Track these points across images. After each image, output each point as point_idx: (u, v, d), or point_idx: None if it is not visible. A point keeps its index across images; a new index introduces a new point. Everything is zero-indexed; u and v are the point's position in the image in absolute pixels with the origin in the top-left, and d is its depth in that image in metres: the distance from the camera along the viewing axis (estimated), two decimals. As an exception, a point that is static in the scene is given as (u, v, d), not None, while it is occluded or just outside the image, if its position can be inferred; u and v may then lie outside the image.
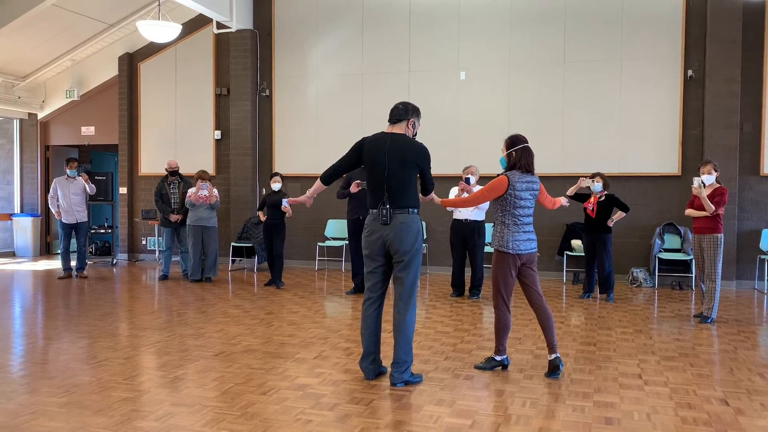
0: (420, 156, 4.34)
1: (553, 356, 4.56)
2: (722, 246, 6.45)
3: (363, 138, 4.46)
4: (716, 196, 6.40)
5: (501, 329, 4.70)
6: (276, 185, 8.78)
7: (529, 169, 4.60)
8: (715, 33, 8.86)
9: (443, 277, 9.47)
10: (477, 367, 4.74)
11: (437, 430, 3.52)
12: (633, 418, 3.71)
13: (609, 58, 9.46)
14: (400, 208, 4.28)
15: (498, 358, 4.73)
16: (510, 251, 4.55)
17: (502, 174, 4.64)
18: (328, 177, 4.54)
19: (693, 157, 9.05)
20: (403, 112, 4.40)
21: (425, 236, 10.27)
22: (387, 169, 4.28)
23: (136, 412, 3.75)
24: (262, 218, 8.89)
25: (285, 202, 8.48)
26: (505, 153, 4.65)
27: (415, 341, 5.58)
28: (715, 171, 6.50)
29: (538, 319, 4.65)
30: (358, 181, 7.53)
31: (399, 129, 4.40)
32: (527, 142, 4.64)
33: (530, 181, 4.61)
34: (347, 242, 8.83)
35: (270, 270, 8.90)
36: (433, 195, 4.67)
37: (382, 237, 4.30)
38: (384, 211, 4.26)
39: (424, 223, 10.29)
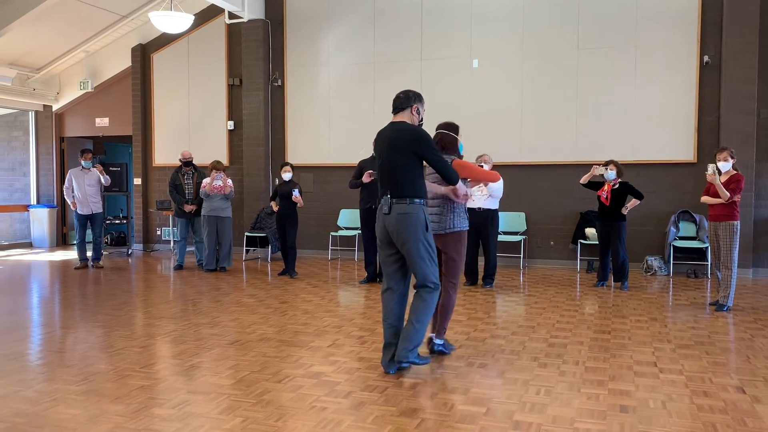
0: (413, 140, 4.19)
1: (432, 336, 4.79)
2: (738, 233, 6.39)
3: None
4: (732, 183, 6.33)
5: (450, 309, 4.74)
6: (287, 175, 8.79)
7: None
8: (731, 18, 8.73)
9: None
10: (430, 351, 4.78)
11: (451, 417, 3.53)
12: (648, 406, 3.70)
13: (623, 45, 9.35)
14: (399, 198, 4.22)
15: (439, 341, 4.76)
16: (467, 229, 4.74)
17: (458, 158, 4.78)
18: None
19: (709, 144, 8.96)
20: (405, 99, 4.34)
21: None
22: (383, 158, 4.28)
23: (153, 400, 3.79)
24: (275, 208, 8.92)
25: (296, 193, 8.50)
26: (462, 139, 4.82)
27: (428, 330, 5.59)
28: (732, 158, 6.43)
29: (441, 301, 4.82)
30: (370, 171, 7.53)
31: (402, 117, 4.35)
32: (446, 128, 4.83)
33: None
34: (360, 232, 8.84)
35: (283, 259, 8.94)
36: (459, 185, 4.40)
37: (386, 227, 4.30)
38: (384, 200, 4.27)
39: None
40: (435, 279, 4.31)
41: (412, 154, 4.20)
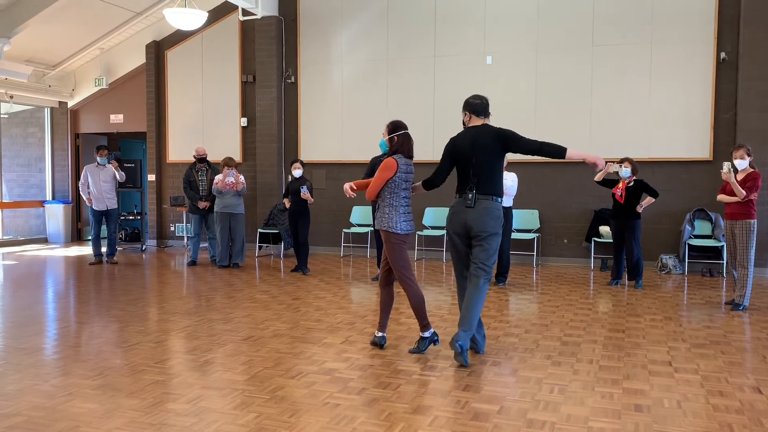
0: (505, 140, 4.58)
1: (381, 335, 4.91)
2: (755, 232, 6.33)
3: (450, 140, 4.74)
4: (748, 180, 6.27)
5: (419, 303, 4.78)
6: (297, 172, 8.81)
7: (410, 154, 4.81)
8: (749, 14, 8.63)
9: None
10: (412, 352, 4.79)
11: (464, 415, 3.52)
12: (663, 406, 3.67)
13: (639, 41, 9.27)
14: (484, 194, 4.56)
15: (427, 334, 4.80)
16: (400, 232, 4.72)
17: (388, 157, 4.81)
18: (428, 183, 4.87)
19: (725, 142, 8.86)
20: (487, 106, 4.75)
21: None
22: (473, 157, 4.56)
23: (167, 395, 3.82)
24: (287, 205, 8.94)
25: (304, 190, 8.51)
26: (387, 137, 4.85)
27: (441, 328, 5.60)
28: (748, 155, 6.36)
29: (385, 299, 4.89)
30: None
31: (481, 122, 4.71)
32: (407, 129, 4.84)
33: (409, 164, 4.81)
34: (372, 229, 8.86)
35: (296, 256, 8.96)
36: (570, 152, 4.47)
37: (466, 220, 4.55)
38: (470, 195, 4.55)
39: (449, 210, 10.24)
40: (492, 269, 4.62)
41: (501, 154, 4.62)
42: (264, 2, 10.78)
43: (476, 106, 4.70)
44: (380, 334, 4.93)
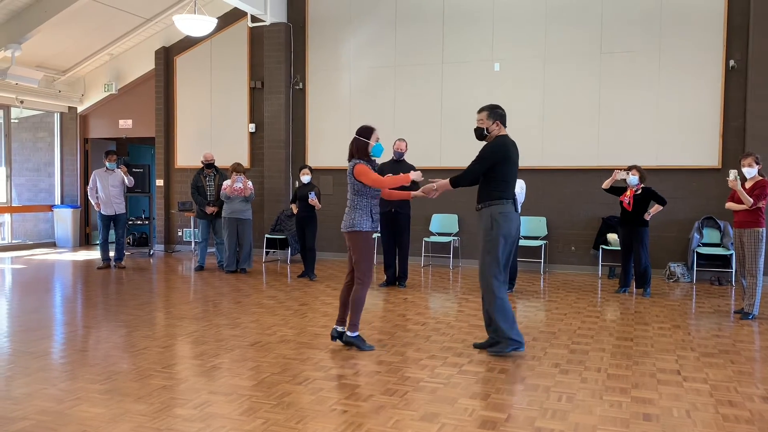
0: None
1: (341, 328, 5.10)
2: (764, 241, 6.29)
3: (500, 146, 4.83)
4: (756, 189, 6.24)
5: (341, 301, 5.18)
6: (305, 178, 8.82)
7: (349, 155, 5.06)
8: (758, 21, 8.61)
9: (475, 270, 9.41)
10: (339, 339, 5.15)
11: (472, 423, 3.51)
12: (672, 415, 3.64)
13: (647, 48, 9.26)
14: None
15: (339, 328, 5.15)
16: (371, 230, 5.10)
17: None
18: (456, 182, 4.98)
19: (734, 150, 8.83)
20: None
21: (458, 229, 10.24)
22: (516, 167, 4.92)
23: (174, 400, 3.82)
24: (295, 211, 8.95)
25: (312, 195, 8.52)
26: (376, 141, 5.12)
27: (449, 334, 5.59)
28: (757, 164, 6.34)
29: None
30: (390, 175, 7.50)
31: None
32: (358, 133, 5.04)
33: (350, 166, 5.04)
34: (379, 235, 8.84)
35: (303, 262, 8.97)
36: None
37: (519, 225, 5.00)
38: (515, 203, 4.90)
39: (456, 216, 10.26)
40: None
41: None
42: (273, 9, 10.84)
43: (504, 117, 4.95)
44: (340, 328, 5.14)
